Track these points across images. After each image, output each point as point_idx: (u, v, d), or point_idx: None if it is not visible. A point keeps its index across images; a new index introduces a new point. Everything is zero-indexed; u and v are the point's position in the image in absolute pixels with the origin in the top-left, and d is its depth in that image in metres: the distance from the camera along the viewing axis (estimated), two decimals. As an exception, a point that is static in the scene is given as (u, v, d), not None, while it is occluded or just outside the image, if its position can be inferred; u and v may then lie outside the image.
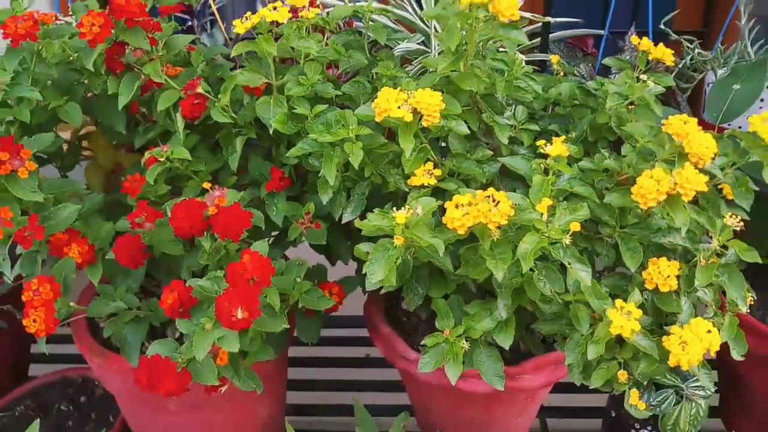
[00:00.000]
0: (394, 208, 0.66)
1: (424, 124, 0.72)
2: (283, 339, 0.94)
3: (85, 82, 0.92)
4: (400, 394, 1.14)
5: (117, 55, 0.83)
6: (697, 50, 1.25)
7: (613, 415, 1.15)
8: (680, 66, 1.26)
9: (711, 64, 1.19)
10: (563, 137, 0.70)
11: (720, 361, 1.22)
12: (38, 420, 0.96)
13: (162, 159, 0.85)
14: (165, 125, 0.92)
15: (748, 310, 1.01)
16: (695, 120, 0.75)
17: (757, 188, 0.84)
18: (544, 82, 0.97)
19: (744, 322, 1.00)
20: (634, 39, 0.92)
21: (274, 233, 0.96)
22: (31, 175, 0.77)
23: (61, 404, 1.18)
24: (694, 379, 1.07)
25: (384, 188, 0.82)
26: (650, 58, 0.92)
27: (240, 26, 0.79)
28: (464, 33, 0.75)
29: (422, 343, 0.75)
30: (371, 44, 1.00)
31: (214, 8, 1.19)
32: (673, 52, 0.92)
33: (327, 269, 0.96)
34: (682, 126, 0.74)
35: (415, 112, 0.72)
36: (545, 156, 0.73)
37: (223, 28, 1.23)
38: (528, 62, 1.22)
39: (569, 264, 0.65)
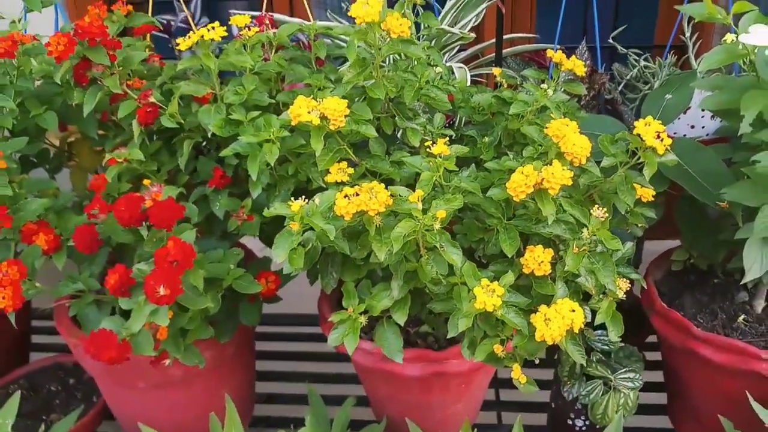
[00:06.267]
0: (292, 198, 0.76)
1: (331, 127, 0.82)
2: (232, 325, 1.05)
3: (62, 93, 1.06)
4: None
5: (83, 69, 0.96)
6: (643, 63, 1.32)
7: (553, 406, 1.22)
8: (627, 78, 1.34)
9: (649, 77, 1.27)
10: (446, 138, 0.80)
11: (664, 362, 1.28)
12: (18, 392, 1.09)
13: (120, 160, 0.97)
14: (131, 131, 1.05)
15: (690, 314, 1.07)
16: (575, 124, 0.83)
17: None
18: (476, 92, 1.07)
19: (680, 324, 1.06)
20: (549, 52, 1.01)
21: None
22: (1, 172, 0.89)
23: (51, 385, 1.31)
24: (623, 370, 1.13)
25: (310, 185, 0.93)
26: (563, 69, 1.01)
27: (183, 44, 0.91)
28: (371, 48, 0.85)
29: (329, 319, 0.84)
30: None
31: (193, 26, 1.32)
32: (584, 63, 1.00)
33: (271, 261, 1.07)
34: (561, 128, 0.82)
35: (323, 117, 0.82)
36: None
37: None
38: (477, 75, 1.31)
39: (441, 248, 0.74)
